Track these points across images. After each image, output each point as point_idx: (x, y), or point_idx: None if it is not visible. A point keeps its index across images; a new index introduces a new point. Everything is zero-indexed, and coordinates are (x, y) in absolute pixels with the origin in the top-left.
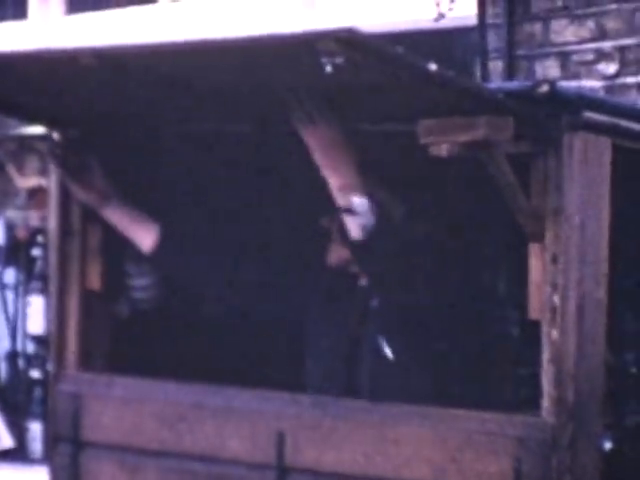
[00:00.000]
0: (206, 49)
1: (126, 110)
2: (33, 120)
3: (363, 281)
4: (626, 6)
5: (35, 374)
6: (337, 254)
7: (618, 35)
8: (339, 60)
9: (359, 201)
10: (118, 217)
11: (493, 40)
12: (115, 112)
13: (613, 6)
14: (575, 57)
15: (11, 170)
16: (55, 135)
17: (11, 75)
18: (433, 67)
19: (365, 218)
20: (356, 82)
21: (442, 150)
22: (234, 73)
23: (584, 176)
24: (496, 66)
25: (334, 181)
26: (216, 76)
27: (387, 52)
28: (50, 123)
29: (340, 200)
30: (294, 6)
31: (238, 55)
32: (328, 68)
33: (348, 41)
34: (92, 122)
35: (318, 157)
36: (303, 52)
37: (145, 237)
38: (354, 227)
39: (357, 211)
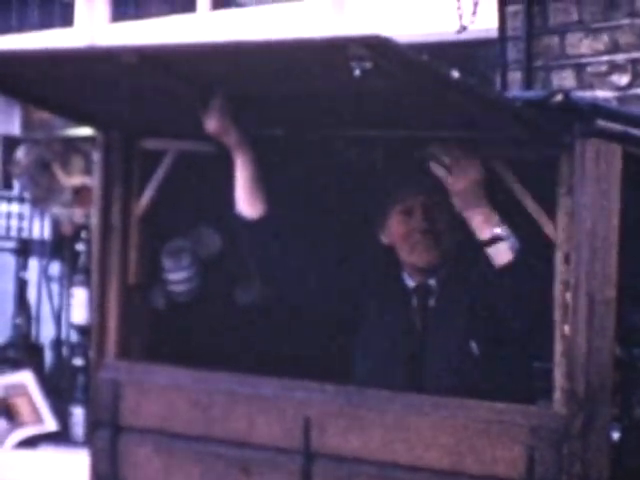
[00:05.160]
0: (240, 50)
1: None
2: (78, 120)
3: (431, 281)
4: (638, 21)
5: (78, 362)
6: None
7: (630, 48)
8: (368, 65)
9: (503, 228)
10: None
11: (512, 52)
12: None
13: (626, 21)
14: (589, 69)
15: (57, 169)
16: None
17: (56, 74)
18: (455, 74)
19: (512, 241)
20: (379, 90)
21: None
22: (269, 76)
23: (595, 181)
24: (515, 77)
25: (477, 218)
26: (249, 79)
27: (412, 58)
28: (95, 124)
29: (484, 233)
30: (324, 12)
31: (273, 57)
32: (357, 72)
33: (377, 46)
34: (138, 124)
35: (458, 201)
36: (334, 56)
37: (254, 205)
38: (504, 251)
39: (505, 237)
